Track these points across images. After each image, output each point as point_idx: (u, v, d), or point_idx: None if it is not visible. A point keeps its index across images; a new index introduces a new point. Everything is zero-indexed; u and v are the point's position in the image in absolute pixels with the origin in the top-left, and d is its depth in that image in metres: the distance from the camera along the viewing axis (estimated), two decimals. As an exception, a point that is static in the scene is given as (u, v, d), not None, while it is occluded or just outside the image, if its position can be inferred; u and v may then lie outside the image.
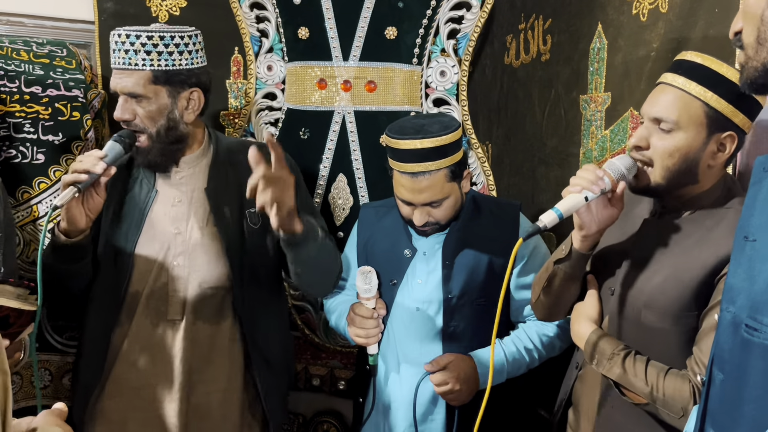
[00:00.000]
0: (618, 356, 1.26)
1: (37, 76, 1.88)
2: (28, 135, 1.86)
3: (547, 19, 1.89)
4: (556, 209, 1.24)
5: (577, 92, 1.80)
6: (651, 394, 1.21)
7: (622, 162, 1.27)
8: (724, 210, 1.24)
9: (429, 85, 2.07)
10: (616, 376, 1.26)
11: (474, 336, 1.68)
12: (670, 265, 1.25)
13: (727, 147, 1.22)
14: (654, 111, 1.24)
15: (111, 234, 1.71)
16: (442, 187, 1.60)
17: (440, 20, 2.01)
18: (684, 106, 1.20)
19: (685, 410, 1.16)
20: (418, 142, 1.56)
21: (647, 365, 1.23)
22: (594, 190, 1.24)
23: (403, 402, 1.71)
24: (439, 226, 1.66)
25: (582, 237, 1.31)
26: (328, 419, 2.32)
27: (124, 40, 1.63)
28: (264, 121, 2.18)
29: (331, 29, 2.05)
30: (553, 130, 1.90)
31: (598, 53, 1.73)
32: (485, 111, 2.10)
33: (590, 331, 1.34)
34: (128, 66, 1.63)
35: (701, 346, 1.18)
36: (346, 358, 2.22)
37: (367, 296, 1.70)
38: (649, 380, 1.21)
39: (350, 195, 2.14)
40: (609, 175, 1.26)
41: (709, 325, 1.18)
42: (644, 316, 1.27)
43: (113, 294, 1.68)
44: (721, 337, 0.92)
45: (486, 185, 2.08)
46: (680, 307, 1.22)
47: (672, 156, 1.22)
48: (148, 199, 1.71)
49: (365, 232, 1.83)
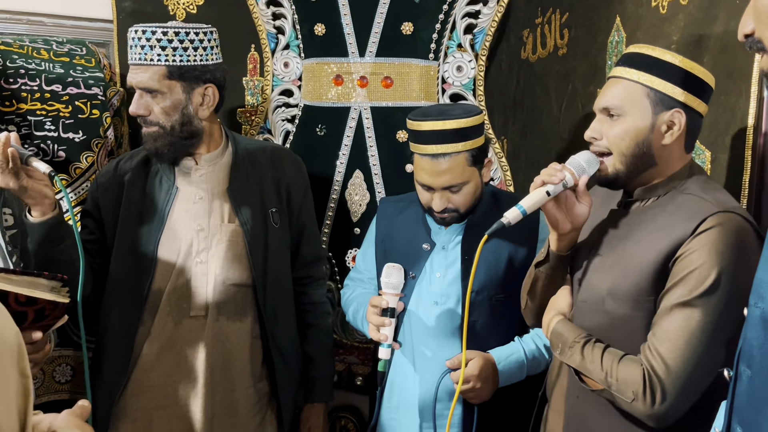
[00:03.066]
0: (578, 344, 1.29)
1: (58, 74, 1.90)
2: (49, 133, 1.89)
3: (564, 12, 1.88)
4: (519, 205, 1.29)
5: (595, 86, 1.78)
6: (605, 380, 1.23)
7: (582, 157, 1.32)
8: (683, 195, 1.26)
9: (445, 80, 2.06)
10: (575, 364, 1.29)
11: (492, 332, 1.68)
12: (631, 251, 1.27)
13: (676, 123, 1.25)
14: (602, 102, 1.30)
15: (130, 232, 1.72)
16: (463, 170, 1.60)
17: (457, 15, 2.00)
18: (626, 91, 1.27)
19: (635, 394, 1.17)
20: (440, 123, 1.57)
21: (604, 351, 1.25)
22: (554, 182, 1.28)
23: (420, 398, 1.71)
24: (458, 214, 1.66)
25: (558, 237, 1.35)
26: (345, 414, 2.32)
27: (140, 36, 1.65)
28: (281, 118, 2.18)
29: (347, 25, 2.06)
30: (570, 124, 1.89)
31: (616, 47, 1.71)
32: (501, 106, 2.09)
33: (555, 321, 1.37)
34: (144, 61, 1.65)
35: (654, 330, 1.20)
36: (363, 354, 2.22)
37: (390, 291, 1.70)
38: (604, 366, 1.23)
39: (367, 191, 2.15)
40: (569, 169, 1.30)
41: (663, 310, 1.19)
42: (607, 303, 1.29)
43: (135, 292, 1.69)
44: (749, 332, 0.90)
45: (503, 180, 2.08)
46: (639, 292, 1.24)
47: (624, 139, 1.27)
48: (168, 197, 1.72)
49: (384, 226, 1.83)
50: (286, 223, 1.83)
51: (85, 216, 1.79)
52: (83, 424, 0.95)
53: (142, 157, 1.79)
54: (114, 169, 1.79)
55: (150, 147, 1.71)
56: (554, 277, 1.42)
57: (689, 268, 1.16)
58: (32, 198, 1.50)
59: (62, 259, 1.56)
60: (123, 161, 1.81)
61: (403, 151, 2.08)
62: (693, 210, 1.21)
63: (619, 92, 1.28)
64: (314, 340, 1.91)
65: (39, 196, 1.50)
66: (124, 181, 1.76)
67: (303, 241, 1.89)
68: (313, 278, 1.93)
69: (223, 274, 1.71)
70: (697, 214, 1.19)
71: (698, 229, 1.17)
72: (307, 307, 1.92)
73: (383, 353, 1.70)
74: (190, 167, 1.75)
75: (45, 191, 1.50)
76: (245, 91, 2.20)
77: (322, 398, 1.91)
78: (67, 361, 1.97)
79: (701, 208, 1.20)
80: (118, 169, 1.78)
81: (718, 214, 1.17)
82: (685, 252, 1.18)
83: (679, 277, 1.17)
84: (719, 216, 1.17)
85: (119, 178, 1.77)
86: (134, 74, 1.67)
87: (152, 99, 1.67)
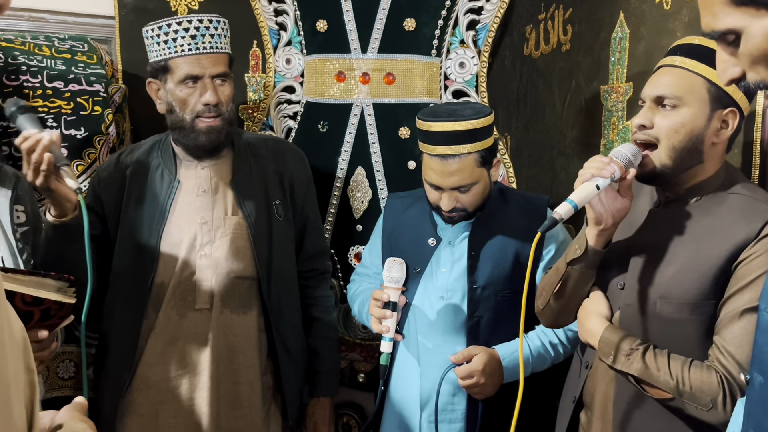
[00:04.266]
0: (637, 351, 1.24)
1: (59, 71, 1.90)
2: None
3: (567, 8, 1.87)
4: (570, 200, 1.23)
5: (598, 83, 1.77)
6: (677, 388, 1.18)
7: (627, 149, 1.26)
8: (729, 195, 1.23)
9: (448, 76, 2.05)
10: (637, 372, 1.23)
11: (498, 328, 1.68)
12: (684, 254, 1.23)
13: (729, 123, 1.22)
14: (656, 91, 1.24)
15: (133, 226, 1.72)
16: (472, 171, 1.59)
17: (459, 11, 1.99)
18: (686, 82, 1.21)
19: (714, 401, 1.14)
20: (449, 124, 1.56)
21: (669, 358, 1.21)
22: (604, 175, 1.23)
23: (424, 392, 1.71)
24: (466, 213, 1.65)
25: (599, 232, 1.30)
26: (348, 412, 2.32)
27: (207, 25, 1.68)
28: (283, 115, 2.18)
29: (350, 21, 2.05)
30: (573, 121, 1.88)
31: (619, 43, 1.70)
32: (504, 102, 2.08)
33: (603, 328, 1.31)
34: (215, 49, 1.69)
35: (724, 335, 1.17)
36: (366, 351, 2.22)
37: (391, 285, 1.70)
38: (673, 374, 1.19)
39: (369, 188, 2.14)
40: (617, 162, 1.25)
41: (729, 313, 1.17)
42: (660, 308, 1.25)
43: (139, 286, 1.70)
44: (760, 338, 0.89)
45: (506, 177, 2.07)
46: (698, 296, 1.21)
47: (678, 132, 1.22)
48: (171, 190, 1.72)
49: (391, 221, 1.83)
50: (290, 215, 1.84)
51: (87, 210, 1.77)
52: (85, 417, 0.96)
53: (143, 150, 1.79)
54: (115, 163, 1.78)
55: (213, 139, 1.70)
56: (587, 275, 1.37)
57: (757, 273, 1.14)
58: (55, 200, 1.51)
59: (73, 258, 1.56)
60: (124, 155, 1.80)
61: (405, 148, 2.07)
62: (748, 211, 1.18)
63: (678, 82, 1.22)
64: (319, 333, 1.91)
65: (63, 199, 1.51)
66: (126, 174, 1.75)
67: (306, 234, 1.89)
68: (318, 271, 1.93)
69: (228, 266, 1.72)
70: (754, 215, 1.17)
71: (763, 232, 1.15)
72: (311, 301, 1.91)
73: (385, 346, 1.71)
74: (192, 160, 1.75)
75: (69, 195, 1.51)
76: (247, 88, 2.19)
77: (327, 392, 1.91)
78: (71, 358, 1.98)
79: (758, 208, 1.17)
80: (120, 163, 1.78)
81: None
82: (750, 255, 1.15)
83: (747, 281, 1.15)
84: None
85: (121, 172, 1.76)
86: (205, 63, 1.68)
87: (221, 86, 1.70)
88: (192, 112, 1.68)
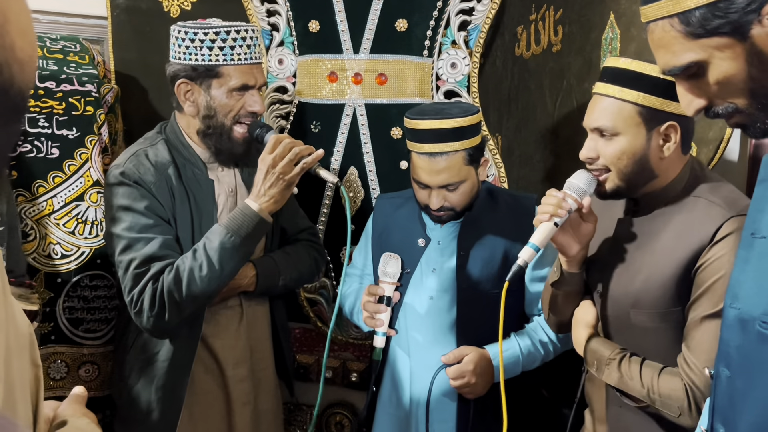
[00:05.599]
0: (614, 361, 1.27)
1: (51, 71, 1.90)
2: (43, 130, 1.88)
3: (558, 9, 1.88)
4: (531, 244, 1.28)
5: (589, 83, 1.78)
6: (648, 396, 1.21)
7: (580, 179, 1.30)
8: (692, 199, 1.25)
9: (440, 77, 2.06)
10: (614, 382, 1.27)
11: (488, 328, 1.68)
12: (650, 262, 1.25)
13: (672, 137, 1.24)
14: (593, 122, 1.28)
15: (187, 229, 1.69)
16: (459, 169, 1.60)
17: (451, 12, 2.00)
18: (617, 111, 1.24)
19: (681, 409, 1.17)
20: (437, 122, 1.57)
21: (642, 367, 1.23)
22: (561, 214, 1.27)
23: (415, 392, 1.72)
24: (455, 213, 1.66)
25: (569, 259, 1.34)
26: (340, 411, 2.33)
27: (254, 36, 1.70)
28: (275, 115, 2.18)
29: (342, 22, 2.05)
30: (565, 121, 1.89)
31: (610, 43, 1.71)
32: (496, 103, 2.09)
33: (586, 337, 1.35)
34: (258, 59, 1.72)
35: (688, 343, 1.19)
36: (359, 351, 2.23)
37: (386, 280, 1.71)
38: (644, 382, 1.22)
39: (361, 188, 2.15)
40: (571, 196, 1.29)
41: (693, 322, 1.18)
42: (633, 317, 1.28)
43: None
44: (726, 333, 0.91)
45: (497, 177, 2.08)
46: (665, 304, 1.23)
47: (621, 159, 1.25)
48: (209, 190, 1.73)
49: (380, 222, 1.84)
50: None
51: (156, 223, 1.65)
52: (86, 410, 0.96)
53: (162, 149, 1.73)
54: (153, 166, 1.68)
55: (244, 150, 1.73)
56: (572, 293, 1.41)
57: (713, 278, 1.16)
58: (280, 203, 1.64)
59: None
60: (150, 156, 1.70)
61: (397, 148, 2.08)
62: (705, 215, 1.20)
63: (609, 111, 1.25)
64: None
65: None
66: (169, 175, 1.69)
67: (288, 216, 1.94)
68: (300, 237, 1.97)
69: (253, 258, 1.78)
70: (710, 219, 1.18)
71: (716, 237, 1.16)
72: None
73: (378, 341, 1.71)
74: (214, 162, 1.77)
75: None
76: (240, 88, 2.19)
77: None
78: (62, 358, 1.98)
79: (714, 213, 1.19)
80: (157, 165, 1.69)
81: (733, 219, 1.16)
82: (706, 261, 1.17)
83: (705, 287, 1.17)
84: (734, 221, 1.16)
85: (162, 174, 1.69)
86: (257, 73, 1.70)
87: (260, 96, 1.72)
88: (233, 118, 1.69)
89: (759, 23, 0.83)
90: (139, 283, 1.58)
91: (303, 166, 1.60)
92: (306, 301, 2.23)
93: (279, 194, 1.61)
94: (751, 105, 0.88)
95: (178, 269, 1.58)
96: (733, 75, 0.87)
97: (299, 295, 2.21)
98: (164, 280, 1.57)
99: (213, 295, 1.63)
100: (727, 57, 0.86)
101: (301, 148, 1.61)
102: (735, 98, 0.88)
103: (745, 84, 0.87)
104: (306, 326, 2.26)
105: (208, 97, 1.67)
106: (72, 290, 1.93)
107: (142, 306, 1.58)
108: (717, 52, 0.87)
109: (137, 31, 2.16)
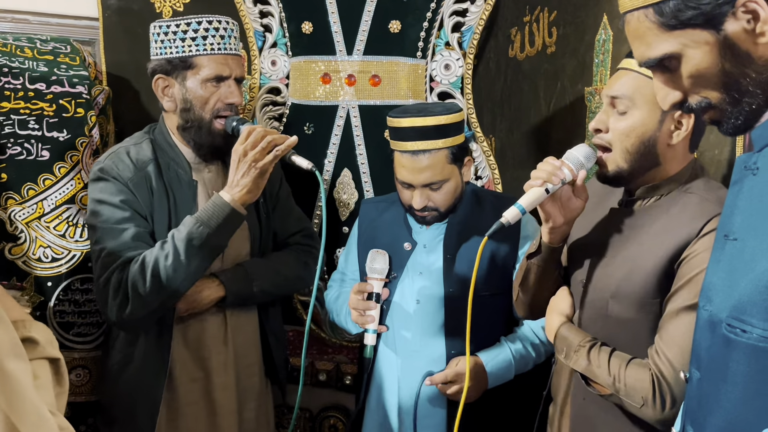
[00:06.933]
0: (584, 348, 1.27)
1: (42, 72, 1.88)
2: (33, 132, 1.86)
3: (552, 11, 1.88)
4: (518, 204, 1.26)
5: (583, 85, 1.78)
6: (614, 385, 1.22)
7: (580, 151, 1.29)
8: (685, 194, 1.25)
9: (433, 78, 2.05)
10: (582, 368, 1.27)
11: (477, 328, 1.67)
12: (636, 253, 1.25)
13: (683, 124, 1.23)
14: (612, 91, 1.26)
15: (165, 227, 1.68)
16: (443, 168, 1.59)
17: (444, 13, 2.00)
18: (638, 85, 1.23)
19: (645, 399, 1.17)
20: (420, 119, 1.57)
21: (611, 356, 1.24)
22: (554, 181, 1.26)
23: (403, 398, 1.70)
24: (439, 213, 1.65)
25: (549, 230, 1.33)
26: (334, 414, 2.32)
27: (232, 27, 1.69)
28: (268, 116, 2.17)
29: (335, 23, 2.04)
30: (558, 122, 1.89)
31: (603, 45, 1.71)
32: (489, 104, 2.08)
33: (559, 324, 1.35)
34: (236, 52, 1.70)
35: (662, 334, 1.19)
36: (352, 353, 2.22)
37: (375, 277, 1.70)
38: (611, 371, 1.22)
39: (355, 190, 2.14)
40: (568, 166, 1.28)
41: (670, 313, 1.18)
42: (611, 307, 1.28)
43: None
44: (698, 335, 0.90)
45: (491, 179, 2.07)
46: (644, 295, 1.23)
47: (629, 136, 1.24)
48: (191, 191, 1.72)
49: (366, 227, 1.83)
50: (270, 210, 1.89)
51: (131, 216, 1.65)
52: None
53: (146, 149, 1.72)
54: (133, 163, 1.69)
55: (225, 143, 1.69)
56: (546, 269, 1.40)
57: (695, 271, 1.15)
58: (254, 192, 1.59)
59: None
60: (130, 153, 1.70)
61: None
62: (697, 211, 1.19)
63: (631, 84, 1.24)
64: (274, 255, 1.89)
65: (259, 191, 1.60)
66: (148, 172, 1.69)
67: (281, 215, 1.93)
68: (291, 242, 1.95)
69: (237, 261, 1.77)
70: (700, 215, 1.18)
71: (702, 231, 1.16)
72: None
73: (369, 339, 1.71)
74: (201, 162, 1.76)
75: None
76: (232, 90, 2.17)
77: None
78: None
79: (705, 208, 1.19)
80: (137, 162, 1.69)
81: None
82: (690, 254, 1.17)
83: (685, 279, 1.17)
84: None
85: (141, 171, 1.68)
86: (231, 64, 1.68)
87: (237, 87, 1.69)
88: (212, 111, 1.67)
89: (733, 16, 0.83)
90: (106, 272, 1.58)
91: (276, 153, 1.56)
92: (300, 303, 2.22)
93: (252, 183, 1.56)
94: (724, 100, 0.87)
95: (144, 258, 1.57)
96: (706, 68, 0.86)
97: (293, 297, 2.20)
98: (130, 269, 1.57)
99: (179, 290, 1.58)
100: (701, 50, 0.86)
101: (275, 136, 1.57)
102: (708, 92, 0.88)
103: (718, 78, 0.86)
104: (300, 329, 2.24)
105: (184, 90, 1.67)
106: (63, 294, 1.92)
107: (107, 295, 1.58)
108: (691, 45, 0.86)
109: (129, 33, 2.14)
